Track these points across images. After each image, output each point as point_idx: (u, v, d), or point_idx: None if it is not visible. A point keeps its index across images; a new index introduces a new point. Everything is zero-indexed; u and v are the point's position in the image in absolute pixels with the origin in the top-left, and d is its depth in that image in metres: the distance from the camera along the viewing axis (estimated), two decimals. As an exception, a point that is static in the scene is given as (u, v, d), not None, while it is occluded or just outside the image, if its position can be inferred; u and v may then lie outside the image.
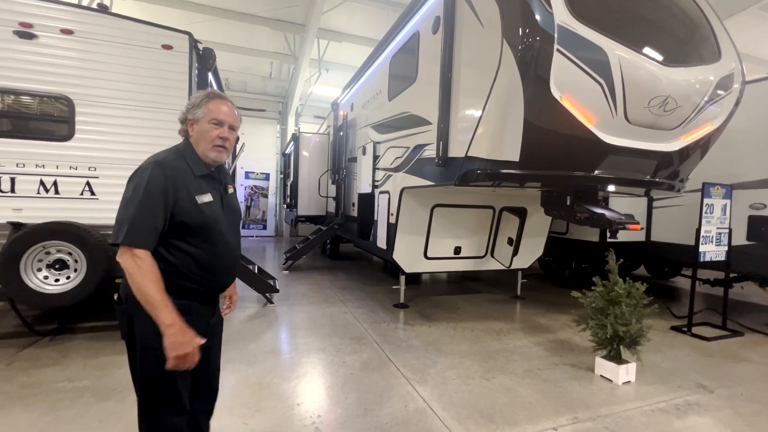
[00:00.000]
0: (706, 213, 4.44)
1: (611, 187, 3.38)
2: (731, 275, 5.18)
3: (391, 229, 4.99)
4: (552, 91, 2.70)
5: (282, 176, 14.03)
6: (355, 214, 6.95)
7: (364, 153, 6.12)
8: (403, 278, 5.26)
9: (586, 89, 2.78)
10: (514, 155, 2.95)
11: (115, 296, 1.47)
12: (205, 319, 1.55)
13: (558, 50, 2.65)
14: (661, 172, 3.38)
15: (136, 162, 3.21)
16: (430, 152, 3.95)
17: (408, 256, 5.04)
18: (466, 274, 7.47)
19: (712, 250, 4.57)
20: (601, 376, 3.29)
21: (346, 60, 11.69)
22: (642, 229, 3.32)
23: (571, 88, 2.75)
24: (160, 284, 1.32)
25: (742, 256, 4.85)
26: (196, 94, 1.57)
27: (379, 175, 5.55)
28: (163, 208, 1.36)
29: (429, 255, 5.15)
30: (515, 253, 5.23)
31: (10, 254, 3.09)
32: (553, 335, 4.33)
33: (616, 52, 2.75)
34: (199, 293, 1.49)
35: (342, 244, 9.88)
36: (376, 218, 5.67)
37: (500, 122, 2.92)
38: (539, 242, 5.78)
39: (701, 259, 4.47)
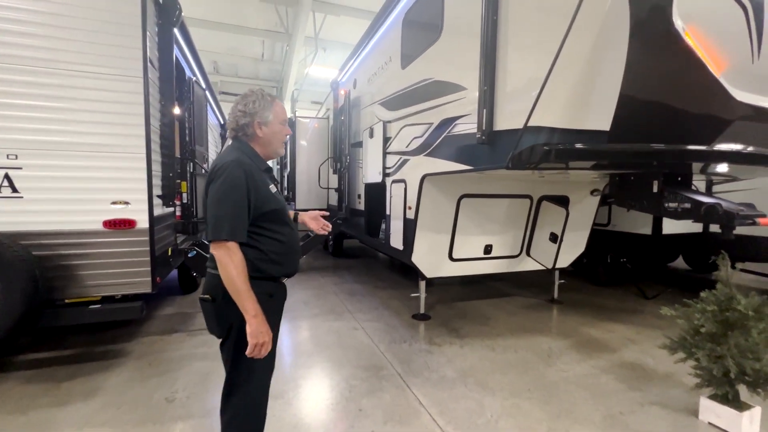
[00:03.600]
0: (806, 199, 3.54)
1: (724, 167, 2.46)
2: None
3: (409, 226, 4.09)
4: (674, 20, 1.77)
5: (278, 167, 13.06)
6: (361, 207, 6.04)
7: (371, 135, 5.18)
8: (423, 284, 4.37)
9: (721, 18, 1.85)
10: (603, 122, 2.03)
11: (204, 296, 1.56)
12: (283, 301, 1.74)
13: (689, -48, 1.71)
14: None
15: (81, 146, 2.55)
16: (465, 127, 3.03)
17: (430, 259, 4.15)
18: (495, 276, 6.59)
19: (810, 245, 3.68)
20: (709, 423, 2.42)
21: (344, 37, 10.63)
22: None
23: (700, 15, 1.81)
24: (247, 276, 1.45)
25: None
26: (254, 95, 1.61)
27: (392, 160, 4.62)
28: (247, 203, 1.48)
29: (455, 256, 4.26)
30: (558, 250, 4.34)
31: None
32: (617, 356, 3.46)
33: (772, -44, 1.81)
34: (282, 276, 1.66)
35: (346, 239, 8.99)
36: (388, 212, 4.76)
37: (586, 72, 1.99)
38: (581, 236, 4.88)
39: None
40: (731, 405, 2.35)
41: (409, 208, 4.10)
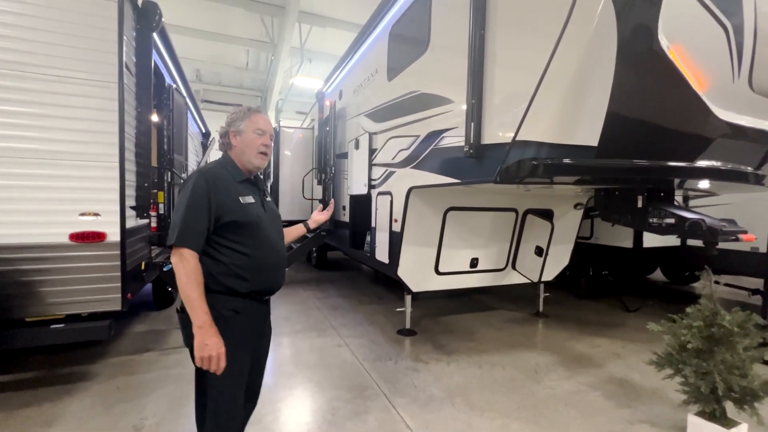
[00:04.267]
0: (778, 214, 3.66)
1: (705, 183, 2.50)
2: None
3: (395, 239, 4.02)
4: (660, 38, 1.78)
5: (261, 177, 12.81)
6: (346, 219, 5.94)
7: (357, 147, 5.13)
8: (409, 299, 4.29)
9: (704, 37, 1.88)
10: (591, 138, 2.03)
11: (178, 306, 1.53)
12: (259, 321, 1.65)
13: (673, -27, 1.74)
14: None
15: (48, 154, 2.23)
16: (452, 140, 3.01)
17: (416, 272, 4.08)
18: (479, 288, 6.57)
19: (783, 259, 3.79)
20: (698, 441, 2.40)
21: (330, 49, 10.67)
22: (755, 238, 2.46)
23: (684, 34, 1.84)
24: (200, 286, 1.43)
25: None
26: (236, 108, 1.67)
27: (377, 172, 4.57)
28: (206, 211, 1.47)
29: (441, 270, 4.21)
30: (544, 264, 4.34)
31: None
32: (604, 371, 3.44)
33: (751, -19, 1.87)
34: (252, 293, 1.56)
35: (329, 251, 8.83)
36: (374, 225, 4.68)
37: (573, 89, 1.98)
38: (565, 250, 4.92)
39: (775, 270, 3.68)
40: (718, 422, 2.33)
41: (395, 220, 4.04)
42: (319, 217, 2.11)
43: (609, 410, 2.78)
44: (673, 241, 5.26)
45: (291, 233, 2.04)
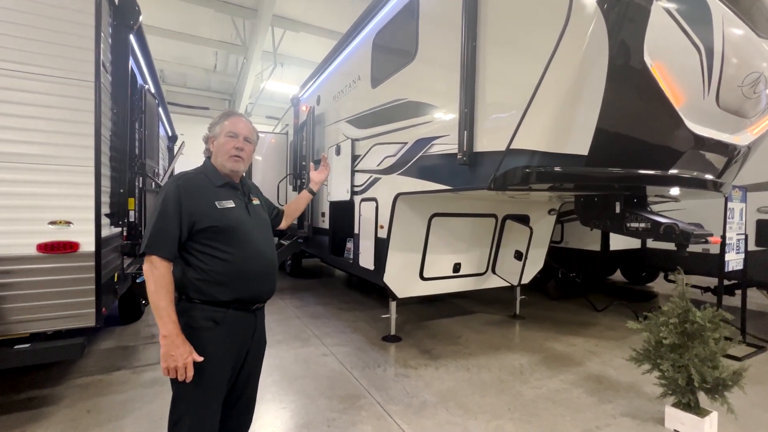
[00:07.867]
0: (729, 218, 4.03)
1: (675, 191, 2.71)
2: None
3: (381, 246, 4.02)
4: (644, 55, 1.93)
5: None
6: (325, 225, 5.86)
7: (338, 153, 5.09)
8: (393, 305, 4.29)
9: (681, 56, 2.07)
10: (581, 147, 2.15)
11: None
12: (244, 332, 1.58)
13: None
14: (727, 172, 2.78)
15: (14, 157, 2.09)
16: (443, 147, 3.07)
17: (402, 279, 4.09)
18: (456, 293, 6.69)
19: (733, 259, 4.17)
20: (675, 431, 2.57)
21: (303, 54, 10.57)
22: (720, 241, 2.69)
23: (664, 53, 2.01)
24: (169, 294, 1.41)
25: (752, 262, 4.54)
26: (216, 115, 1.69)
27: (361, 178, 4.56)
28: (177, 217, 1.44)
29: (425, 275, 4.25)
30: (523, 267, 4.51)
31: None
32: (583, 369, 3.60)
33: (720, 8, 2.06)
34: (235, 302, 1.52)
35: (304, 259, 8.66)
36: (357, 231, 4.65)
37: (568, 99, 2.10)
38: (540, 254, 5.13)
39: (727, 269, 4.04)
40: (693, 412, 2.52)
41: (381, 227, 4.04)
42: (317, 177, 2.32)
43: (593, 406, 2.91)
44: (633, 244, 5.64)
45: (300, 202, 2.24)
